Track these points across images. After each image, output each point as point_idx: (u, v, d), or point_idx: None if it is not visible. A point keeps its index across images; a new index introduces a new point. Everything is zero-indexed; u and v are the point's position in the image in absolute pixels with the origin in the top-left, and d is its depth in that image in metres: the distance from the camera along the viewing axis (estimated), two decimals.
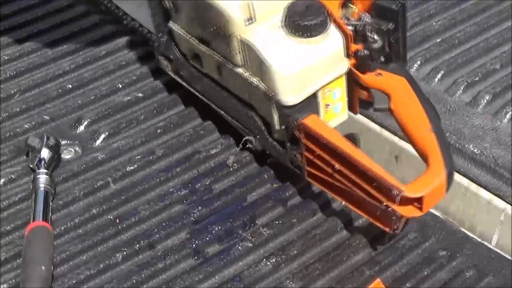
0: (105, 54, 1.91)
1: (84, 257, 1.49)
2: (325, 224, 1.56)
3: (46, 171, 1.58)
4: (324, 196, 1.60)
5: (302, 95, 1.47)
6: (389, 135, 1.70)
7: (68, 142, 1.71)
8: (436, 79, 1.79)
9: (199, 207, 1.57)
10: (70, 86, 1.83)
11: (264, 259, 1.49)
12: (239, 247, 1.51)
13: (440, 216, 1.61)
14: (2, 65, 1.86)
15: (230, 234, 1.53)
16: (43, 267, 1.41)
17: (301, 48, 1.46)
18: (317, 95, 1.50)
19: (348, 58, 1.50)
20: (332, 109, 1.54)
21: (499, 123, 1.69)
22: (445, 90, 1.75)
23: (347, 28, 1.48)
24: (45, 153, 1.60)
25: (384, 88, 1.52)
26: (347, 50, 1.49)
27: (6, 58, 1.88)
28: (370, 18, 1.50)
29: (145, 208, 1.57)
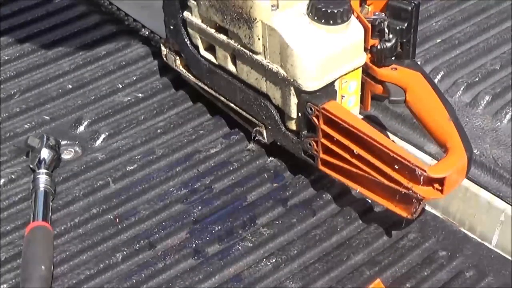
0: (105, 54, 1.91)
1: (84, 257, 1.49)
2: (325, 224, 1.56)
3: (46, 171, 1.58)
4: (325, 196, 1.60)
5: (323, 81, 1.48)
6: (390, 136, 1.70)
7: (68, 142, 1.71)
8: (436, 80, 1.79)
9: (199, 207, 1.57)
10: (70, 86, 1.83)
11: (264, 259, 1.49)
12: (239, 247, 1.51)
13: (440, 216, 1.61)
14: (2, 65, 1.87)
15: (230, 234, 1.53)
16: (43, 267, 1.40)
17: (325, 35, 1.47)
18: (335, 85, 1.51)
19: (366, 52, 1.52)
20: (347, 102, 1.55)
21: (499, 124, 1.69)
22: (445, 91, 1.75)
23: (367, 22, 1.50)
24: (45, 153, 1.60)
25: (400, 82, 1.54)
26: (365, 44, 1.51)
27: (6, 58, 1.88)
28: (385, 17, 1.52)
29: (145, 208, 1.57)
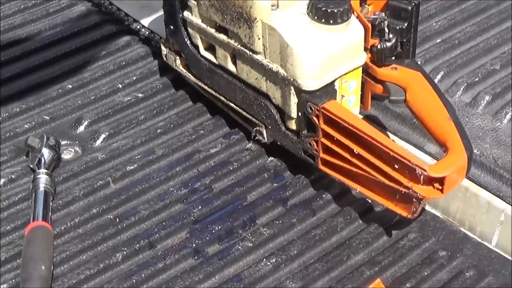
0: (105, 54, 1.92)
1: (84, 257, 1.49)
2: (325, 224, 1.56)
3: (46, 171, 1.58)
4: (325, 196, 1.60)
5: (323, 81, 1.48)
6: (390, 136, 1.70)
7: (68, 142, 1.71)
8: (436, 80, 1.79)
9: (199, 207, 1.57)
10: (70, 86, 1.83)
11: (264, 259, 1.49)
12: (239, 247, 1.51)
13: (440, 216, 1.61)
14: (2, 65, 1.87)
15: (230, 234, 1.53)
16: (43, 267, 1.41)
17: (325, 35, 1.47)
18: (335, 84, 1.51)
19: (366, 52, 1.52)
20: (347, 101, 1.55)
21: (499, 124, 1.69)
22: (445, 91, 1.75)
23: (367, 22, 1.50)
24: (45, 153, 1.60)
25: (400, 82, 1.54)
26: (365, 43, 1.51)
27: (6, 58, 1.88)
28: (385, 17, 1.52)
29: (145, 208, 1.57)
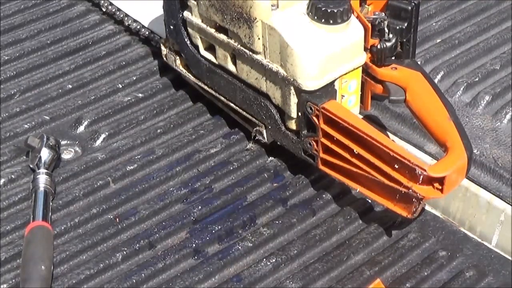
0: (105, 54, 1.91)
1: (84, 257, 1.49)
2: (325, 224, 1.56)
3: (46, 171, 1.58)
4: (325, 196, 1.60)
5: (323, 81, 1.48)
6: (390, 136, 1.70)
7: (68, 142, 1.71)
8: (436, 80, 1.79)
9: (199, 207, 1.57)
10: (70, 86, 1.83)
11: (264, 259, 1.49)
12: (239, 247, 1.51)
13: (440, 216, 1.61)
14: (2, 65, 1.87)
15: (230, 234, 1.53)
16: (43, 267, 1.41)
17: (325, 35, 1.47)
18: (335, 84, 1.51)
19: (365, 52, 1.52)
20: (347, 101, 1.55)
21: (499, 124, 1.69)
22: (445, 91, 1.75)
23: (367, 22, 1.50)
24: (45, 153, 1.60)
25: (400, 82, 1.54)
26: (365, 43, 1.51)
27: (6, 58, 1.88)
28: (385, 17, 1.52)
29: (145, 208, 1.57)
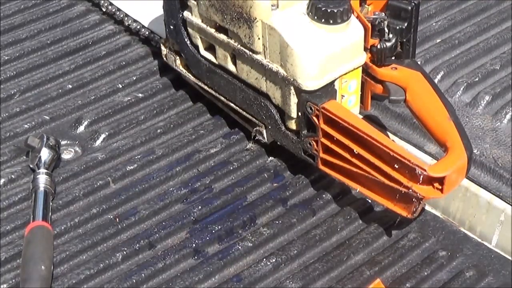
0: (105, 54, 1.91)
1: (84, 257, 1.49)
2: (325, 224, 1.56)
3: (46, 171, 1.58)
4: (325, 196, 1.60)
5: (323, 81, 1.48)
6: (390, 136, 1.70)
7: (68, 142, 1.71)
8: (436, 80, 1.79)
9: (199, 207, 1.57)
10: (70, 86, 1.83)
11: (264, 259, 1.49)
12: (239, 247, 1.51)
13: (440, 216, 1.61)
14: (2, 65, 1.87)
15: (230, 234, 1.53)
16: (43, 267, 1.41)
17: (325, 35, 1.47)
18: (335, 84, 1.51)
19: (365, 52, 1.52)
20: (347, 101, 1.55)
21: (499, 124, 1.69)
22: (445, 91, 1.75)
23: (367, 22, 1.50)
24: (45, 153, 1.60)
25: (400, 81, 1.54)
26: (365, 43, 1.51)
27: (6, 58, 1.88)
28: (385, 17, 1.52)
29: (145, 208, 1.57)
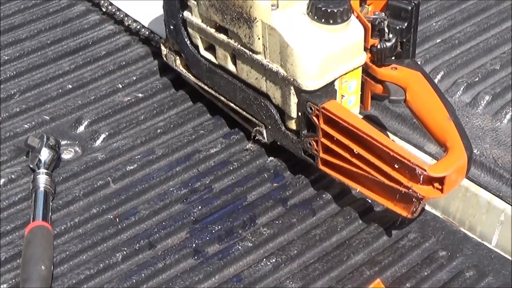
0: (105, 54, 1.91)
1: (84, 257, 1.49)
2: (325, 224, 1.56)
3: (46, 171, 1.58)
4: (325, 196, 1.60)
5: (323, 81, 1.48)
6: (390, 136, 1.70)
7: (68, 142, 1.71)
8: (436, 80, 1.79)
9: (199, 207, 1.57)
10: (70, 86, 1.83)
11: (264, 259, 1.49)
12: (239, 247, 1.51)
13: (440, 216, 1.61)
14: (2, 65, 1.87)
15: (230, 234, 1.54)
16: (43, 267, 1.41)
17: (325, 35, 1.47)
18: (335, 84, 1.51)
19: (365, 52, 1.53)
20: (347, 101, 1.55)
21: (499, 124, 1.69)
22: (445, 91, 1.75)
23: (367, 22, 1.50)
24: (45, 153, 1.60)
25: (400, 81, 1.54)
26: (365, 43, 1.51)
27: (6, 58, 1.88)
28: (385, 17, 1.53)
29: (145, 208, 1.57)
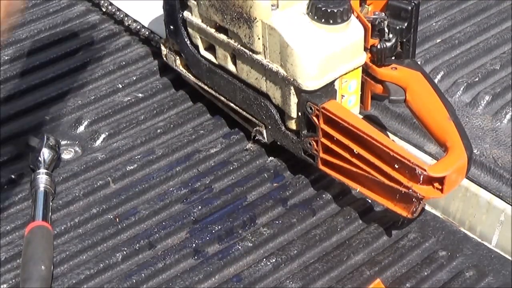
0: (105, 54, 1.91)
1: (84, 257, 1.49)
2: (325, 224, 1.56)
3: (46, 171, 1.58)
4: (325, 196, 1.60)
5: (323, 81, 1.48)
6: (390, 136, 1.70)
7: (68, 142, 1.71)
8: (436, 80, 1.78)
9: (199, 207, 1.57)
10: (70, 87, 1.83)
11: (264, 259, 1.49)
12: (239, 247, 1.50)
13: (440, 216, 1.61)
14: (2, 65, 1.86)
15: (230, 234, 1.53)
16: (43, 267, 1.40)
17: (325, 35, 1.47)
18: (335, 84, 1.51)
19: (365, 52, 1.52)
20: (347, 101, 1.55)
21: (499, 124, 1.69)
22: (445, 91, 1.75)
23: (367, 22, 1.50)
24: (45, 153, 1.60)
25: (400, 81, 1.54)
26: (365, 43, 1.51)
27: (6, 58, 1.88)
28: (385, 17, 1.53)
29: (145, 208, 1.57)
